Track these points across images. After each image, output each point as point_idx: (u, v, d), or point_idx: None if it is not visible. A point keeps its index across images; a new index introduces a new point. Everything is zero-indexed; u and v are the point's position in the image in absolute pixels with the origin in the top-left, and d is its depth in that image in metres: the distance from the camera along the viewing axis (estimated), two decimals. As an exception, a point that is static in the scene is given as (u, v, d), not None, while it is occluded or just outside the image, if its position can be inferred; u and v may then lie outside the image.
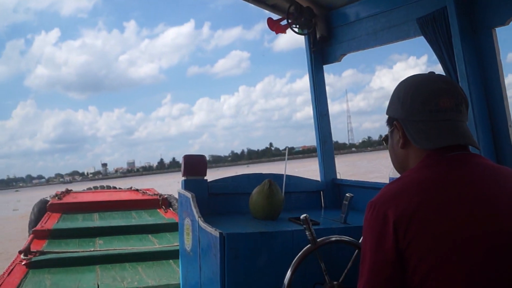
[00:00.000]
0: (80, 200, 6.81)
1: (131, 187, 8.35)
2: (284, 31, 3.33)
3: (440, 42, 2.35)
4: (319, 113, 3.23)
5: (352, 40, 3.03)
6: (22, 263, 4.14)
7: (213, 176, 2.73)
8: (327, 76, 3.35)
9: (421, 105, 1.26)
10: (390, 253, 1.12)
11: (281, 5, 3.37)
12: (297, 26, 3.28)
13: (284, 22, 3.29)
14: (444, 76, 1.36)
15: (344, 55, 3.14)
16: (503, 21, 2.11)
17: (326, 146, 3.22)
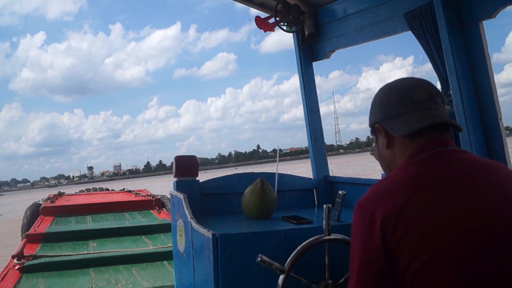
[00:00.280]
0: (73, 203, 6.78)
1: (124, 189, 8.34)
2: (272, 29, 3.33)
3: (427, 37, 2.36)
4: (310, 110, 3.23)
5: (340, 36, 3.03)
6: (16, 268, 4.09)
7: (201, 178, 2.72)
8: None
9: (396, 101, 1.31)
10: (378, 253, 1.12)
11: (268, 3, 3.36)
12: (285, 24, 3.27)
13: (272, 20, 3.28)
14: (416, 77, 1.39)
15: (333, 51, 3.14)
16: (490, 14, 2.11)
17: (318, 143, 3.21)
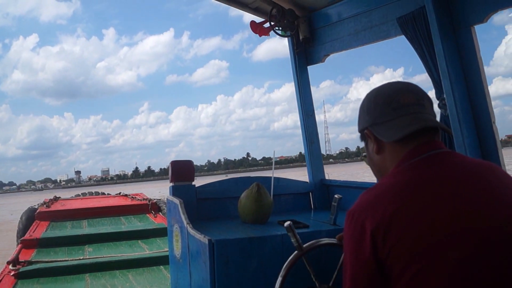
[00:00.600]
0: (69, 208, 6.74)
1: (120, 193, 8.31)
2: (267, 33, 3.35)
3: (420, 41, 2.38)
4: (305, 113, 3.24)
5: (334, 40, 3.04)
6: (11, 274, 4.06)
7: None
8: None
9: (384, 106, 1.31)
10: (369, 263, 1.13)
11: (263, 8, 3.37)
12: (280, 28, 3.29)
13: (267, 25, 3.30)
14: (402, 81, 1.40)
15: (328, 55, 3.15)
16: (482, 19, 2.13)
17: (313, 146, 3.22)
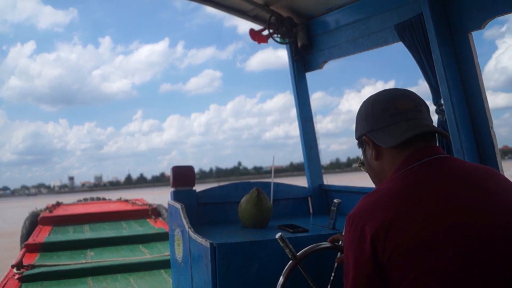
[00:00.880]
0: (71, 213, 6.83)
1: (120, 198, 8.41)
2: (266, 40, 3.38)
3: (418, 48, 2.40)
4: (303, 119, 3.27)
5: (332, 47, 3.08)
6: (15, 277, 4.13)
7: None
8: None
9: (382, 112, 1.33)
10: (369, 266, 1.14)
11: (262, 16, 3.41)
12: (279, 35, 3.33)
13: (266, 33, 3.34)
14: (399, 88, 1.42)
15: (326, 62, 3.19)
16: (479, 25, 2.15)
17: (312, 152, 3.25)
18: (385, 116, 1.32)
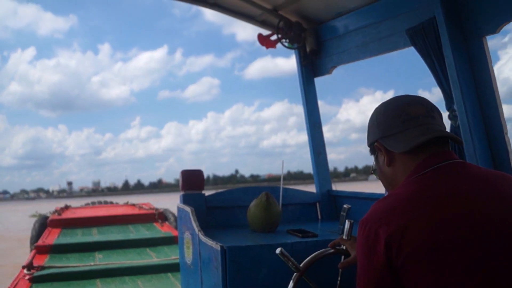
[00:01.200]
0: (79, 216, 6.93)
1: (128, 202, 8.50)
2: (274, 45, 3.38)
3: (430, 52, 2.38)
4: (312, 125, 3.27)
5: (342, 53, 3.07)
6: (26, 278, 4.21)
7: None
8: (294, 106, 3.47)
9: (394, 119, 1.32)
10: (383, 271, 1.14)
11: (270, 21, 3.42)
12: (287, 40, 3.32)
13: (274, 37, 3.33)
14: (411, 94, 1.41)
15: (335, 67, 3.18)
16: (494, 29, 2.12)
17: (321, 157, 3.24)
18: (397, 122, 1.31)
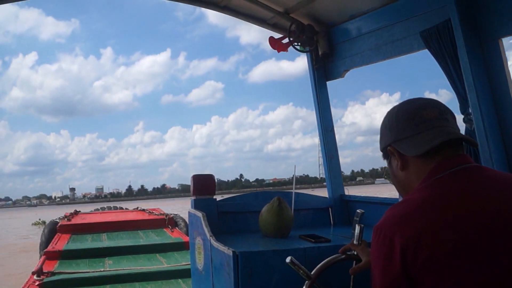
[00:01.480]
0: (89, 221, 6.93)
1: (137, 207, 8.47)
2: (286, 49, 3.36)
3: (445, 55, 2.35)
4: (324, 129, 3.24)
5: (355, 55, 3.04)
6: (36, 284, 4.20)
7: (187, 204, 2.75)
8: (299, 109, 3.40)
9: (407, 121, 1.30)
10: (399, 277, 1.12)
11: (282, 24, 3.40)
12: (299, 44, 3.30)
13: (286, 41, 3.31)
14: (424, 97, 1.38)
15: (347, 70, 3.16)
16: (510, 31, 2.09)
17: (333, 162, 3.21)
18: (410, 126, 1.29)
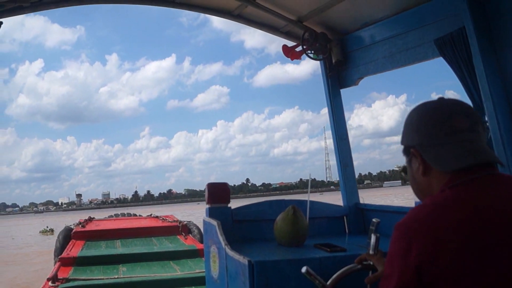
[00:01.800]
0: (103, 228, 6.98)
1: (151, 214, 8.53)
2: (299, 57, 3.36)
3: (460, 63, 2.34)
4: (339, 137, 3.23)
5: (368, 63, 3.04)
6: None
7: (193, 210, 2.75)
8: (305, 113, 3.39)
9: (436, 129, 1.24)
10: (413, 278, 1.11)
11: (295, 32, 3.41)
12: (312, 51, 3.30)
13: (299, 49, 3.32)
14: (456, 99, 1.32)
15: (361, 78, 3.15)
16: None
17: (348, 170, 3.20)
18: (438, 133, 1.24)
